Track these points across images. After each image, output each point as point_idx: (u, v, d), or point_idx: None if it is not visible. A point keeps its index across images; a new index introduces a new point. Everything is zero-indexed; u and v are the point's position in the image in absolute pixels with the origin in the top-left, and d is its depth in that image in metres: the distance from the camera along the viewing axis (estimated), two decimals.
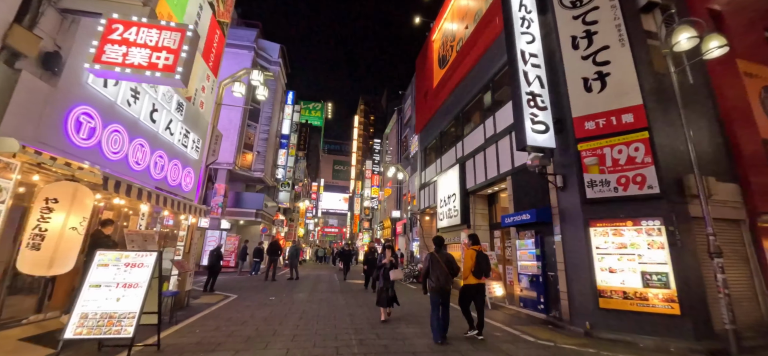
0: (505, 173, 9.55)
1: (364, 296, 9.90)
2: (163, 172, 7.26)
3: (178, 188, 7.88)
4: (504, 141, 9.86)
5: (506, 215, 8.80)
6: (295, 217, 31.79)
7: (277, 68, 21.71)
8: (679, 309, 5.49)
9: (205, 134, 9.12)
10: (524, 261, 8.23)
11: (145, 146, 6.57)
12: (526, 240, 8.19)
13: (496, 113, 10.51)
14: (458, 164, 12.60)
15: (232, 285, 11.78)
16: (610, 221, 6.28)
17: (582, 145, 6.86)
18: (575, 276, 6.68)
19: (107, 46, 4.39)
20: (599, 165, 6.59)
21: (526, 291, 7.99)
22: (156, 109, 6.84)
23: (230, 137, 18.35)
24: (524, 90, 7.38)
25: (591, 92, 7.02)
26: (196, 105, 8.77)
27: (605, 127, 6.69)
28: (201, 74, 8.92)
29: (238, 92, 8.80)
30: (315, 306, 8.07)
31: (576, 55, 7.38)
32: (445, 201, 13.53)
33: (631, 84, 6.64)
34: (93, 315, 3.82)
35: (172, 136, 7.49)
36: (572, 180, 6.98)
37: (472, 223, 11.67)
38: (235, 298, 8.86)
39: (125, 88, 5.89)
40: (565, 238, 7.03)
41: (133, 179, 6.12)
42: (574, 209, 6.85)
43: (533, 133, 7.08)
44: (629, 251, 6.01)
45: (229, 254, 18.34)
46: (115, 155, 5.75)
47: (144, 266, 4.16)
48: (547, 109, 7.39)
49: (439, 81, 16.31)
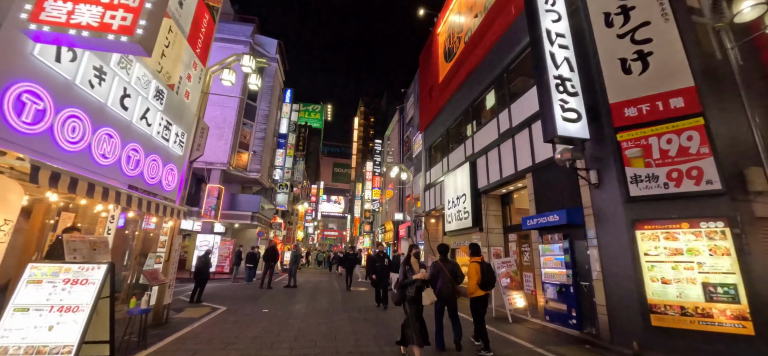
0: (525, 170, 8.61)
1: (374, 312, 8.17)
2: (139, 168, 6.31)
3: (157, 187, 6.93)
4: (522, 135, 8.93)
5: (527, 217, 7.85)
6: (293, 220, 30.81)
7: (275, 65, 20.82)
8: (752, 328, 4.54)
9: (190, 127, 8.18)
10: (550, 269, 7.27)
11: (114, 137, 5.62)
12: (552, 245, 7.24)
13: (511, 105, 9.60)
14: (468, 163, 11.67)
15: (223, 293, 10.80)
16: (661, 223, 5.34)
17: (622, 134, 5.93)
18: (617, 287, 5.72)
19: (47, 3, 3.47)
20: (644, 157, 5.66)
21: (552, 303, 7.03)
22: (128, 94, 5.90)
23: (225, 135, 17.44)
24: (552, 74, 6.46)
25: (631, 75, 6.10)
26: (181, 95, 7.82)
27: (650, 113, 5.76)
28: (186, 61, 7.99)
29: (228, 81, 7.89)
30: (313, 321, 7.08)
31: (610, 33, 6.47)
32: (453, 202, 12.58)
33: (679, 64, 5.72)
34: (14, 351, 2.86)
35: (149, 127, 6.54)
36: (610, 175, 6.05)
37: (485, 226, 10.72)
38: (223, 311, 7.88)
39: (87, 66, 4.95)
40: (602, 242, 6.08)
41: (96, 175, 5.19)
42: (614, 209, 5.91)
43: (564, 121, 6.15)
44: (686, 258, 5.06)
45: (224, 260, 17.39)
46: (74, 145, 4.80)
47: (89, 282, 3.21)
48: (578, 95, 6.47)
49: (445, 75, 15.42)
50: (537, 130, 8.26)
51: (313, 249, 50.48)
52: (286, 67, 24.17)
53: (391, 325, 6.75)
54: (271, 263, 12.64)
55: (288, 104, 24.58)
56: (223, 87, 18.88)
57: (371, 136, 64.90)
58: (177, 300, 9.42)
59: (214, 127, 17.51)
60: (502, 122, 10.03)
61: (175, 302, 9.06)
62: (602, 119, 6.32)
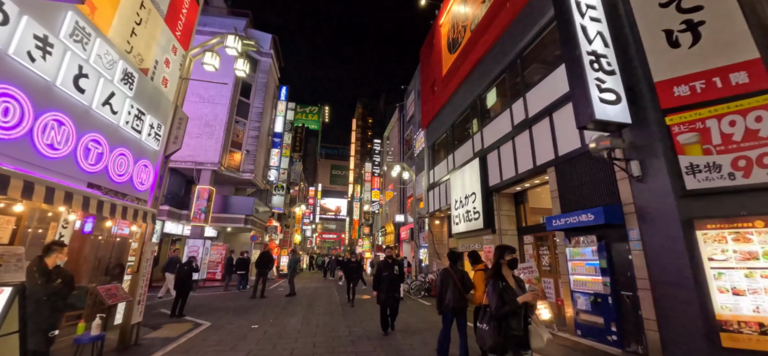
0: (545, 164, 7.70)
1: (379, 334, 6.49)
2: (101, 163, 5.35)
3: (127, 187, 5.96)
4: (541, 126, 8.03)
5: (552, 217, 6.93)
6: (290, 223, 29.77)
7: (269, 60, 19.87)
8: None
9: (168, 118, 7.22)
10: (580, 275, 6.36)
11: (65, 124, 4.66)
12: (582, 248, 6.32)
13: (526, 93, 8.70)
14: (477, 159, 10.75)
15: (211, 304, 9.80)
16: (728, 222, 4.43)
17: (672, 117, 5.03)
18: (670, 299, 4.80)
19: None
20: (702, 143, 4.76)
21: (585, 315, 6.11)
22: (85, 74, 4.94)
23: (216, 133, 16.47)
24: (585, 49, 5.56)
25: (678, 48, 5.21)
26: (157, 82, 6.86)
27: (706, 91, 4.87)
28: (164, 44, 7.04)
29: (210, 65, 6.95)
30: (309, 342, 6.10)
31: (651, 2, 5.59)
32: (461, 202, 11.66)
33: (739, 33, 4.84)
34: None
35: (114, 115, 5.58)
36: (657, 166, 5.14)
37: (498, 227, 9.80)
38: (206, 327, 6.91)
39: (25, 35, 4.00)
40: (649, 245, 5.17)
41: (42, 170, 4.24)
42: (663, 205, 5.00)
43: (602, 103, 5.25)
44: (763, 264, 4.15)
45: (216, 266, 16.37)
46: (6, 132, 3.84)
47: None
48: (615, 73, 5.57)
49: (449, 67, 14.54)
50: (560, 118, 7.37)
51: (312, 252, 49.44)
52: (281, 63, 23.23)
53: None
54: (264, 269, 11.63)
55: (283, 102, 23.61)
56: (214, 84, 18.00)
57: (369, 137, 64.09)
58: (157, 314, 8.43)
59: (204, 125, 16.55)
60: (516, 112, 9.13)
61: (154, 316, 8.07)
62: (644, 101, 5.42)
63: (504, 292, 2.90)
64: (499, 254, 3.23)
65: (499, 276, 3.08)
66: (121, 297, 4.75)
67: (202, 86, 17.02)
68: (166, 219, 14.83)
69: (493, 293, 2.93)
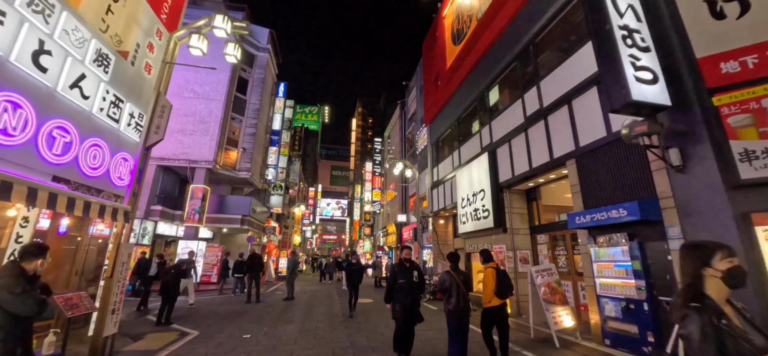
0: (564, 156, 7.07)
1: (386, 348, 5.49)
2: (69, 154, 4.71)
3: (103, 181, 5.32)
4: (557, 115, 7.40)
5: (574, 214, 6.30)
6: (289, 224, 29.12)
7: (266, 55, 19.25)
8: None
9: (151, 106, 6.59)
10: (607, 278, 5.72)
11: (23, 107, 4.03)
12: (610, 248, 5.69)
13: (540, 82, 8.08)
14: (486, 154, 10.12)
15: (202, 310, 9.16)
16: None
17: (720, 97, 4.40)
18: None
19: None
20: (757, 127, 4.13)
21: (615, 323, 5.47)
22: (47, 50, 4.31)
23: (210, 130, 15.84)
24: (616, 23, 4.93)
25: (724, 20, 4.59)
26: (138, 67, 6.23)
27: (759, 67, 4.24)
28: (147, 25, 6.40)
29: (197, 48, 6.33)
30: (307, 355, 5.45)
31: None
32: (468, 200, 11.02)
33: None
34: None
35: (86, 99, 4.95)
36: (702, 153, 4.51)
37: (509, 225, 9.16)
38: (193, 337, 6.26)
39: None
40: None
41: None
42: (710, 197, 4.37)
43: (638, 83, 4.62)
44: None
45: (211, 268, 15.73)
46: None
47: None
48: (650, 50, 4.94)
49: (453, 60, 13.92)
50: (581, 106, 6.74)
51: (312, 253, 48.79)
52: (279, 59, 22.62)
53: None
54: (255, 273, 10.97)
55: (281, 99, 22.98)
56: (209, 79, 17.33)
57: (370, 137, 63.43)
58: (143, 320, 7.79)
59: (199, 121, 15.93)
60: (529, 102, 8.50)
61: (138, 324, 7.44)
62: (683, 81, 4.80)
63: (725, 337, 1.34)
64: (700, 260, 1.53)
65: (708, 307, 1.42)
66: (84, 307, 4.11)
67: (198, 82, 16.42)
68: (158, 220, 14.19)
69: (701, 341, 1.35)
